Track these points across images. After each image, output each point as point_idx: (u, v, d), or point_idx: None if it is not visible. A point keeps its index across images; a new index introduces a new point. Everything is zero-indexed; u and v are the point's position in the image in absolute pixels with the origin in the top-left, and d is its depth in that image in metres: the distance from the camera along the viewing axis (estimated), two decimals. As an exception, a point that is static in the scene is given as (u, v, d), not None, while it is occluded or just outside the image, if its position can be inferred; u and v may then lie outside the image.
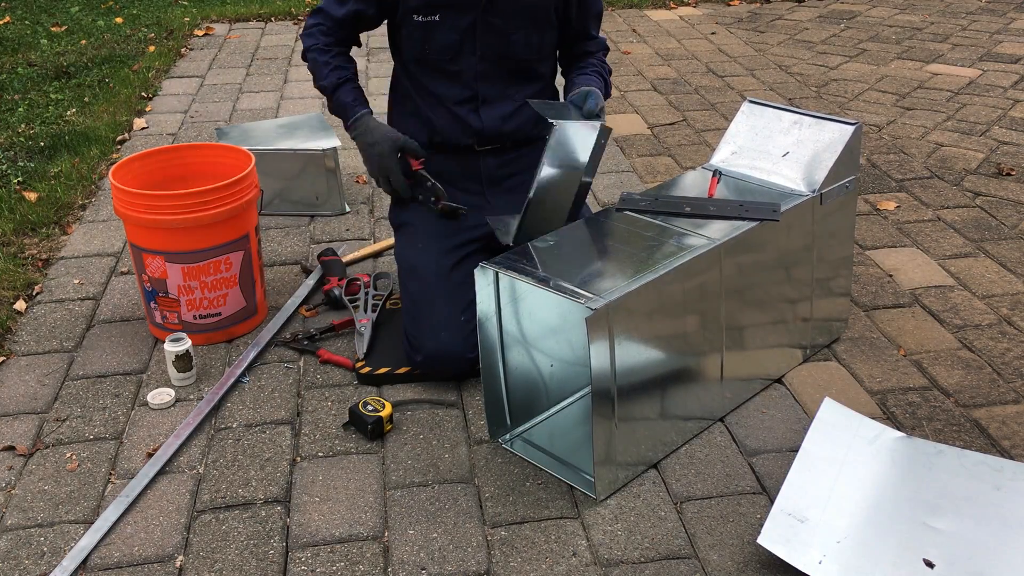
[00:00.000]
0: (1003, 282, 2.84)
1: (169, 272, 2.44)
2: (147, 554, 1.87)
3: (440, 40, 2.35)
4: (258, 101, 4.41)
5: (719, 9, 6.10)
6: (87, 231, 3.18)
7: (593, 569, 1.83)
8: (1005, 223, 3.20)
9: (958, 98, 4.40)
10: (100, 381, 2.41)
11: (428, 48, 2.37)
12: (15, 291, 2.80)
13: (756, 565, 1.83)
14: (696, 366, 2.14)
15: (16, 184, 3.50)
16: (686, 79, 4.70)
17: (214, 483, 2.06)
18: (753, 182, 2.35)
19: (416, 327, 2.35)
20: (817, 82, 4.64)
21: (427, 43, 2.36)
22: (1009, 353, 2.49)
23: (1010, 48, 5.15)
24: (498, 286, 2.07)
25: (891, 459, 2.03)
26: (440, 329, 2.31)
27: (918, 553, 1.79)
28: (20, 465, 2.12)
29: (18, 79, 4.73)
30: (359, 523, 1.94)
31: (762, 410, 2.28)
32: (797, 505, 1.88)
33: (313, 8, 2.49)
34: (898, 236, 3.12)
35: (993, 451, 2.14)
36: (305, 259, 2.99)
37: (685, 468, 2.09)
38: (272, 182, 3.18)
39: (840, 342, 2.54)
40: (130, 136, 4.00)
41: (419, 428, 2.22)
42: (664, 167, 3.66)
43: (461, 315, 2.32)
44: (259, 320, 2.63)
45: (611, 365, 1.89)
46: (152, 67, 4.85)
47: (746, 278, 2.18)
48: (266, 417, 2.26)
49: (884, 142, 3.89)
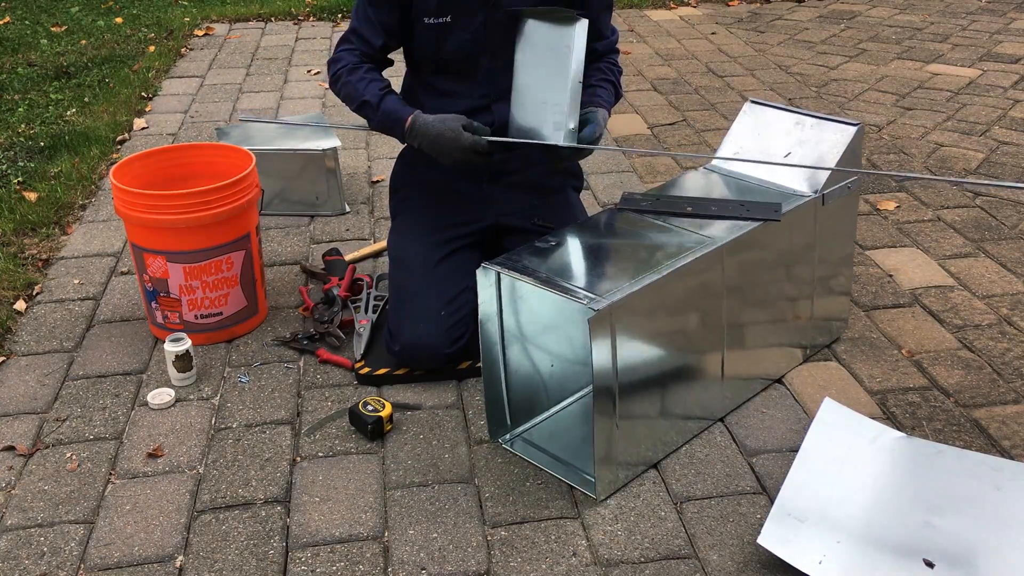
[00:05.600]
0: (1003, 282, 2.84)
1: (171, 272, 2.44)
2: (147, 554, 1.87)
3: (453, 41, 2.34)
4: (258, 101, 4.41)
5: (719, 9, 6.10)
6: (87, 231, 3.18)
7: (593, 569, 1.83)
8: (1005, 223, 3.20)
9: (958, 98, 4.40)
10: (100, 381, 2.41)
11: (441, 50, 2.36)
12: (15, 291, 2.80)
13: (756, 565, 1.83)
14: (697, 365, 2.14)
15: (16, 184, 3.50)
16: (686, 79, 4.70)
17: (214, 483, 2.06)
18: (754, 182, 2.35)
19: (397, 317, 2.37)
20: (817, 82, 4.64)
21: (440, 45, 2.35)
22: (1009, 353, 2.49)
23: (1010, 48, 5.15)
24: (500, 286, 2.07)
25: (891, 459, 2.03)
26: (420, 321, 2.32)
27: (918, 553, 1.79)
28: (20, 465, 2.12)
29: (18, 79, 4.74)
30: (359, 523, 1.94)
31: (762, 410, 2.28)
32: (797, 505, 1.88)
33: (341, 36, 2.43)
34: (898, 236, 3.13)
35: (993, 451, 2.14)
36: (305, 259, 2.99)
37: (685, 468, 2.09)
38: (272, 182, 3.18)
39: (840, 342, 2.54)
40: (130, 136, 4.00)
41: (419, 428, 2.22)
42: (664, 167, 3.66)
43: (443, 309, 2.33)
44: (260, 320, 2.63)
45: (613, 365, 1.89)
46: (152, 67, 4.85)
47: (747, 278, 2.18)
48: (266, 417, 2.26)
49: (884, 142, 3.89)
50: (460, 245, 2.46)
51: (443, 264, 2.41)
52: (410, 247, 2.45)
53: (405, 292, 2.39)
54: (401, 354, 2.35)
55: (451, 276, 2.38)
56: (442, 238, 2.45)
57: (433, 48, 2.36)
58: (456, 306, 2.34)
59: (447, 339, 2.31)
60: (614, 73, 2.49)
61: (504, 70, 2.33)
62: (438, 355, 2.32)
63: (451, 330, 2.32)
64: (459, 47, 2.35)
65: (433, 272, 2.39)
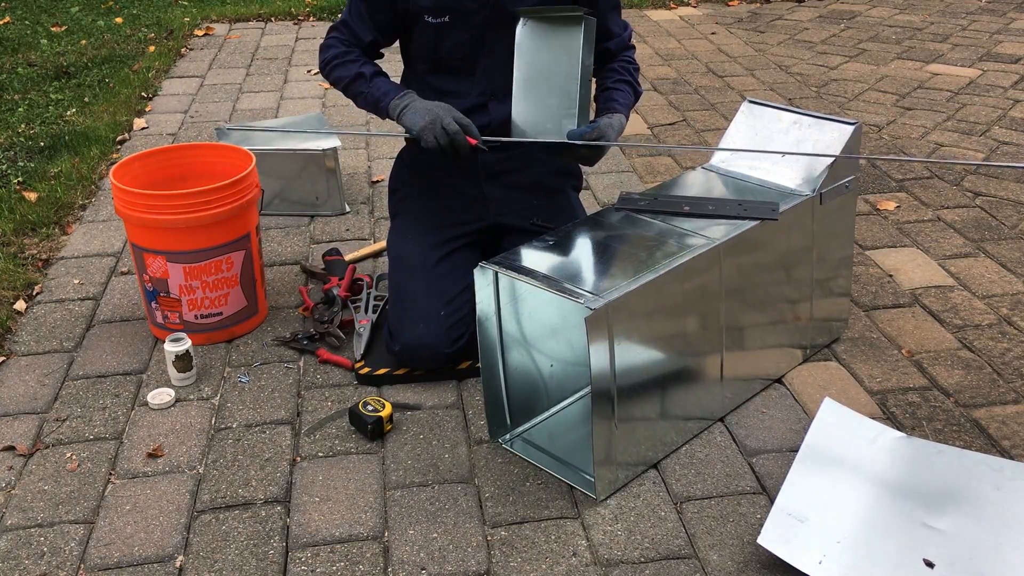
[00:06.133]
0: (1003, 282, 2.84)
1: (171, 272, 2.44)
2: (147, 554, 1.87)
3: (453, 40, 2.34)
4: (258, 101, 4.41)
5: (719, 9, 6.10)
6: (87, 231, 3.18)
7: (593, 569, 1.83)
8: (1005, 223, 3.20)
9: (958, 98, 4.40)
10: (100, 381, 2.41)
11: (440, 49, 2.36)
12: (15, 291, 2.80)
13: (756, 565, 1.83)
14: (696, 366, 2.14)
15: (16, 184, 3.50)
16: (686, 79, 4.70)
17: (214, 483, 2.06)
18: (753, 182, 2.35)
19: (397, 317, 2.37)
20: (817, 82, 4.64)
21: (439, 44, 2.35)
22: (1009, 353, 2.50)
23: (1010, 48, 5.15)
24: (498, 286, 2.07)
25: (891, 459, 2.03)
26: (419, 321, 2.32)
27: (918, 553, 1.79)
28: (20, 465, 2.13)
29: (18, 79, 4.74)
30: (359, 523, 1.94)
31: (762, 410, 2.28)
32: (797, 505, 1.88)
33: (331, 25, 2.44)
34: (898, 236, 3.13)
35: (993, 451, 2.14)
36: (305, 259, 2.99)
37: (685, 468, 2.09)
38: (272, 182, 3.18)
39: (840, 342, 2.54)
40: (130, 136, 4.00)
41: (419, 428, 2.22)
42: (664, 167, 3.66)
43: (442, 309, 2.33)
44: (260, 320, 2.63)
45: (611, 365, 1.89)
46: (152, 67, 4.85)
47: (746, 278, 2.18)
48: (266, 417, 2.26)
49: (884, 142, 3.89)
50: (459, 245, 2.46)
51: (442, 264, 2.41)
52: (409, 247, 2.46)
53: (404, 292, 2.39)
54: (401, 354, 2.35)
55: (450, 276, 2.38)
56: (441, 238, 2.45)
57: (432, 47, 2.36)
58: (456, 306, 2.34)
59: (447, 339, 2.31)
60: (630, 72, 2.45)
61: (502, 69, 2.33)
62: (438, 355, 2.33)
63: (451, 330, 2.32)
64: (457, 46, 2.35)
65: (432, 272, 2.39)
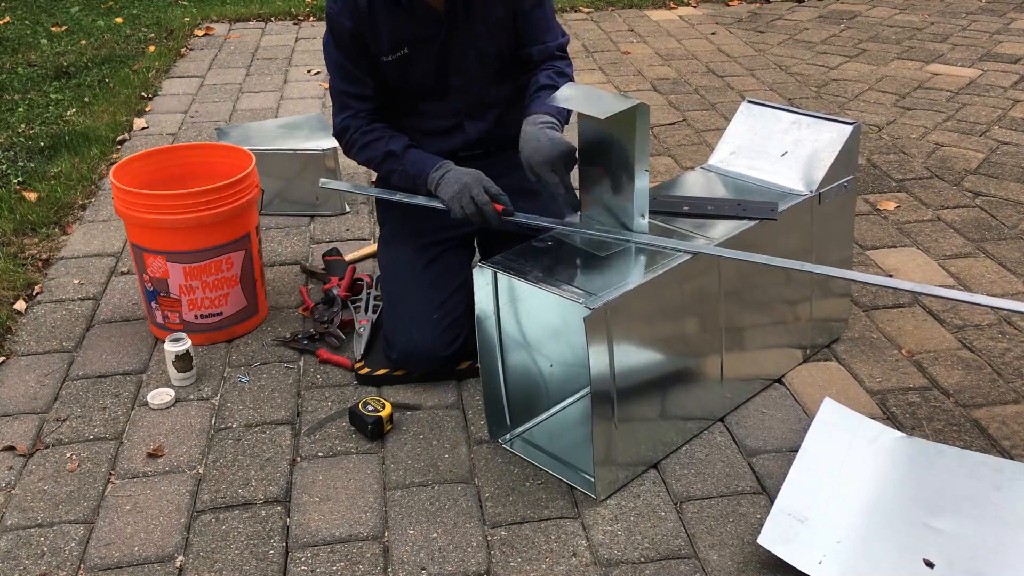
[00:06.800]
0: (1003, 282, 2.84)
1: (171, 272, 2.44)
2: (147, 554, 1.87)
3: (417, 70, 2.35)
4: (258, 101, 4.41)
5: (719, 9, 6.10)
6: (87, 231, 3.18)
7: (593, 569, 1.83)
8: (1005, 223, 3.20)
9: (958, 98, 4.40)
10: (100, 381, 2.41)
11: (409, 79, 2.37)
12: (15, 291, 2.80)
13: (756, 565, 1.83)
14: (696, 366, 2.14)
15: (16, 184, 3.50)
16: (686, 79, 4.70)
17: (214, 483, 2.06)
18: (751, 182, 2.35)
19: (391, 324, 2.38)
20: (817, 82, 4.64)
21: (406, 76, 2.36)
22: (1009, 353, 2.49)
23: (1010, 48, 5.15)
24: (496, 286, 2.07)
25: (891, 459, 2.03)
26: (413, 326, 2.32)
27: (918, 553, 1.79)
28: (20, 465, 2.13)
29: (18, 79, 4.74)
30: (359, 523, 1.94)
31: (762, 410, 2.28)
32: (797, 505, 1.88)
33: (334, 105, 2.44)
34: (898, 236, 3.13)
35: (993, 451, 2.14)
36: (305, 259, 2.99)
37: (685, 468, 2.09)
38: (272, 182, 3.18)
39: (840, 342, 2.54)
40: (130, 136, 4.00)
41: (419, 428, 2.22)
42: (664, 167, 3.66)
43: (435, 312, 2.33)
44: (260, 320, 2.63)
45: (610, 365, 1.89)
46: (152, 67, 4.85)
47: (745, 278, 2.18)
48: (266, 417, 2.26)
49: (884, 142, 3.89)
50: (446, 248, 2.46)
51: (431, 268, 2.41)
52: (397, 254, 2.46)
53: (396, 299, 2.40)
54: (398, 361, 2.34)
55: (440, 279, 2.38)
56: (428, 242, 2.44)
57: (399, 79, 2.37)
58: (448, 308, 2.34)
59: (443, 341, 2.31)
60: (552, 73, 2.37)
61: (472, 88, 2.36)
62: (436, 358, 2.32)
63: (446, 332, 2.32)
64: (425, 75, 2.36)
65: (421, 277, 2.39)
